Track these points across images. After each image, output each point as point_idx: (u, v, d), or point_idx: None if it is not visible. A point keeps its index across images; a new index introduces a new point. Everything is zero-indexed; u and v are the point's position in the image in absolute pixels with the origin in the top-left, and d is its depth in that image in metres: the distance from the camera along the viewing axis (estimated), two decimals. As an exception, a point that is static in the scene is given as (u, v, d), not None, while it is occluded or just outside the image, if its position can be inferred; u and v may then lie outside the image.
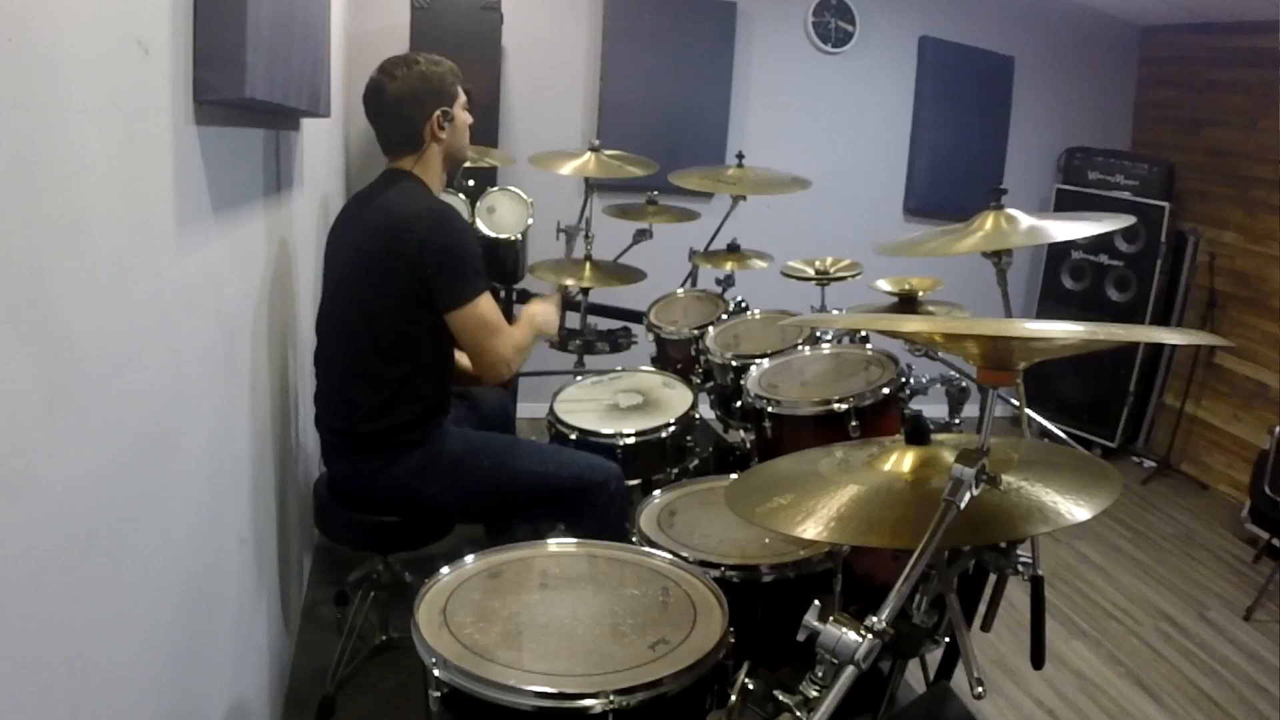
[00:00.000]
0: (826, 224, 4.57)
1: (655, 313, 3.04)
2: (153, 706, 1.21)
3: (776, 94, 4.66)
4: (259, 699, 1.92)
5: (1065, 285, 4.87)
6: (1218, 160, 4.54)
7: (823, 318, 2.62)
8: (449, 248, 1.93)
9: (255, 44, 1.36)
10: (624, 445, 2.34)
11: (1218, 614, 3.20)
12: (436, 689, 1.24)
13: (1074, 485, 1.15)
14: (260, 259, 1.98)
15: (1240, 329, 4.35)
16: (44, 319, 0.86)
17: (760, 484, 1.38)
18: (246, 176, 1.81)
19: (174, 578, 1.30)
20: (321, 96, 2.18)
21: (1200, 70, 4.69)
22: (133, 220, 1.12)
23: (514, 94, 4.26)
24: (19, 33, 0.79)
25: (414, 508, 2.06)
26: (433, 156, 2.07)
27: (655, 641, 1.31)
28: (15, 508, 0.80)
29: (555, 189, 3.67)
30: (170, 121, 1.24)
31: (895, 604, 1.03)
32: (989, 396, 1.17)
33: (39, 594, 0.86)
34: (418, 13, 3.71)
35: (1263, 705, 2.66)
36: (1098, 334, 1.04)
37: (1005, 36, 4.87)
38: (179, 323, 1.32)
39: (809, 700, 1.02)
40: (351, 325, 2.01)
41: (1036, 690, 2.63)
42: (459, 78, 2.09)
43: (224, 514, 1.63)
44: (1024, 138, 4.98)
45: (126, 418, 1.09)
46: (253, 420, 1.87)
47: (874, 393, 1.97)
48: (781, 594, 1.64)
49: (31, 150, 0.83)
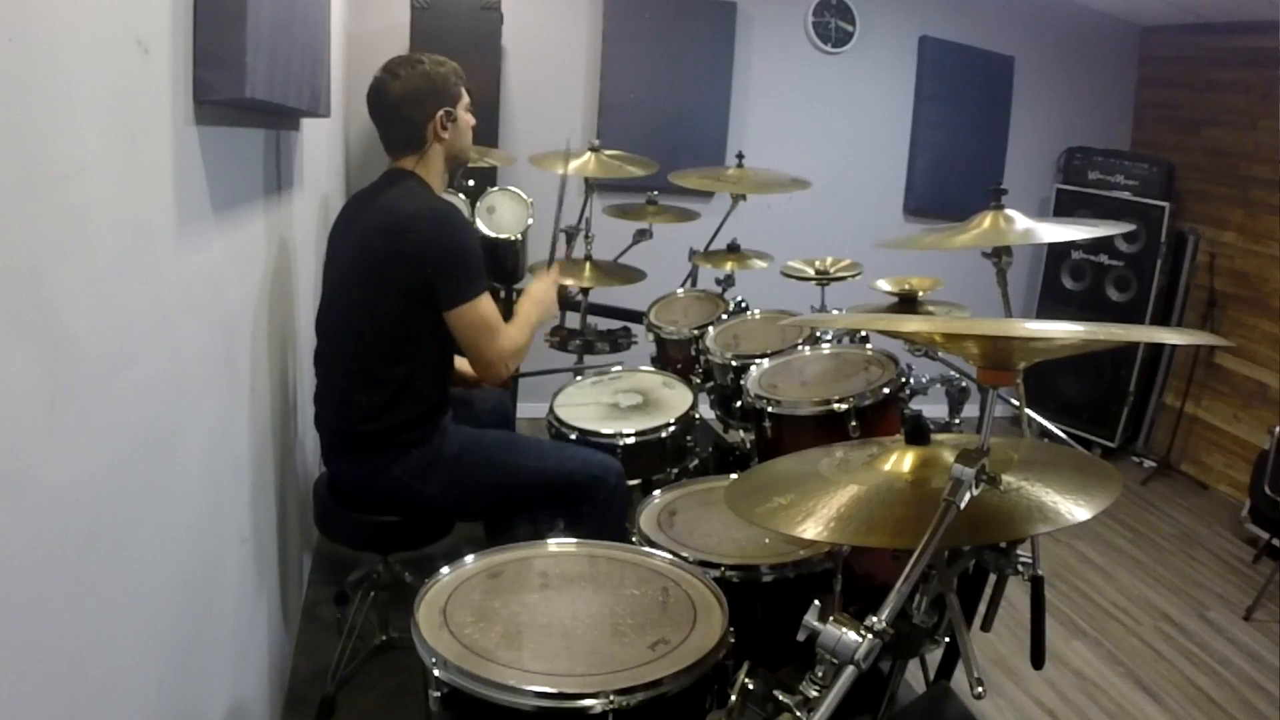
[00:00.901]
0: (826, 224, 4.57)
1: (655, 313, 3.04)
2: (153, 706, 1.21)
3: (776, 94, 4.65)
4: (259, 699, 1.92)
5: (1065, 285, 4.87)
6: (1218, 160, 4.54)
7: (823, 318, 2.62)
8: (452, 247, 1.94)
9: (255, 44, 1.36)
10: (624, 445, 2.34)
11: (1218, 614, 3.20)
12: (436, 689, 1.24)
13: (1074, 485, 1.15)
14: (260, 259, 1.98)
15: (1240, 329, 4.35)
16: (44, 319, 0.86)
17: (760, 484, 1.37)
18: (246, 176, 1.81)
19: (174, 577, 1.30)
20: (321, 96, 2.18)
21: (1200, 70, 4.69)
22: (133, 220, 1.12)
23: (514, 94, 4.26)
24: (19, 33, 0.79)
25: (414, 507, 2.06)
26: (435, 156, 2.07)
27: (655, 641, 1.31)
28: (15, 508, 0.80)
29: (555, 189, 3.65)
30: (170, 121, 1.24)
31: (895, 604, 1.03)
32: (989, 396, 1.17)
33: (39, 594, 0.85)
34: (418, 13, 3.71)
35: (1263, 705, 2.66)
36: (1098, 334, 1.04)
37: (1005, 36, 4.87)
38: (179, 323, 1.32)
39: (809, 700, 1.02)
40: (353, 325, 2.01)
41: (1036, 690, 2.63)
42: (462, 79, 2.09)
43: (224, 514, 1.63)
44: (1024, 138, 4.98)
45: (126, 418, 1.09)
46: (253, 420, 1.87)
47: (874, 393, 1.97)
48: (781, 594, 1.65)
49: (31, 150, 0.83)
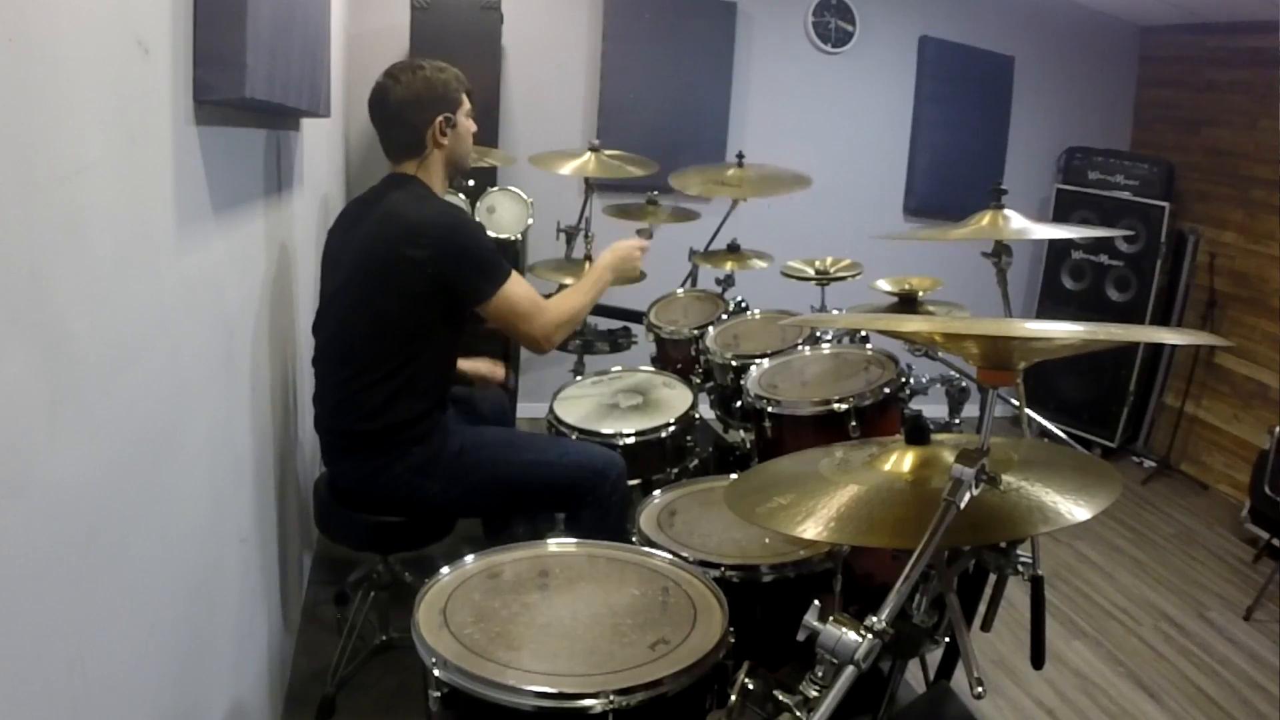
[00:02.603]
0: (826, 224, 4.56)
1: (655, 313, 3.04)
2: (153, 706, 1.21)
3: (776, 94, 4.65)
4: (259, 699, 1.92)
5: (1065, 285, 4.87)
6: (1218, 160, 4.54)
7: (823, 318, 2.62)
8: (466, 246, 1.97)
9: (255, 44, 1.36)
10: (624, 445, 2.34)
11: (1218, 614, 3.19)
12: (436, 689, 1.24)
13: (1074, 485, 1.15)
14: (260, 259, 1.98)
15: (1240, 329, 4.35)
16: (44, 319, 0.86)
17: (760, 484, 1.37)
18: (246, 176, 1.81)
19: (174, 577, 1.30)
20: (321, 96, 2.18)
21: (1200, 70, 4.69)
22: (133, 220, 1.12)
23: (514, 94, 4.26)
24: (19, 33, 0.79)
25: (415, 505, 2.07)
26: (435, 162, 2.08)
27: (655, 641, 1.31)
28: (15, 508, 0.80)
29: (555, 189, 3.67)
30: (170, 121, 1.24)
31: (895, 604, 1.03)
32: (989, 396, 1.17)
33: (39, 594, 0.85)
34: (418, 13, 3.71)
35: (1263, 705, 2.66)
36: (1098, 334, 1.04)
37: (1005, 36, 4.87)
38: (179, 323, 1.32)
39: (809, 700, 1.02)
40: (355, 327, 2.01)
41: (1036, 690, 2.63)
42: (464, 85, 2.10)
43: (224, 514, 1.63)
44: (1024, 138, 4.98)
45: (126, 417, 1.09)
46: (253, 420, 1.87)
47: (874, 393, 1.97)
48: (781, 594, 1.65)
49: (31, 150, 0.83)
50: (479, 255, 1.99)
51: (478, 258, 1.99)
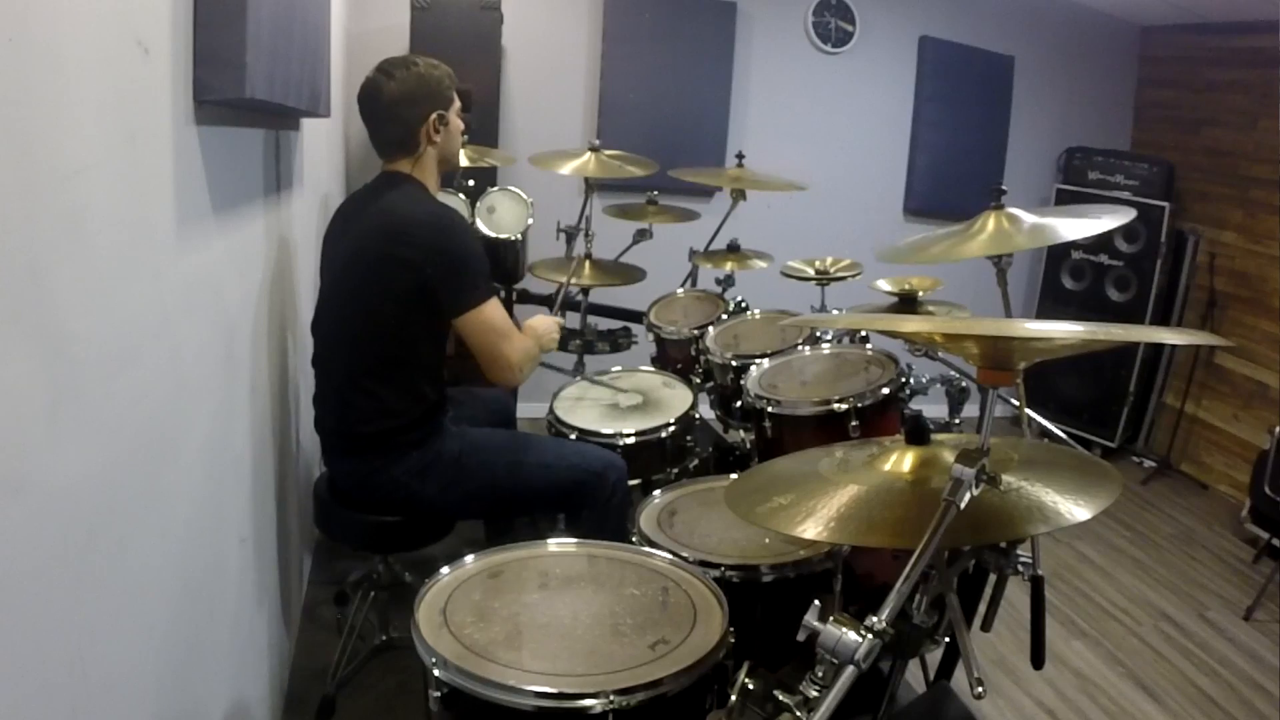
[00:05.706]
0: (826, 224, 4.57)
1: (655, 313, 3.04)
2: (153, 706, 1.21)
3: (776, 94, 4.65)
4: (259, 699, 1.92)
5: (1065, 285, 4.87)
6: (1218, 160, 4.54)
7: (823, 318, 2.62)
8: (454, 254, 1.93)
9: (255, 44, 1.36)
10: (624, 445, 2.34)
11: (1218, 614, 3.20)
12: (436, 689, 1.24)
13: (1074, 485, 1.15)
14: (260, 259, 1.98)
15: (1240, 329, 4.35)
16: (44, 319, 0.86)
17: (760, 484, 1.37)
18: (246, 176, 1.81)
19: (174, 577, 1.30)
20: (321, 96, 2.18)
21: (1200, 70, 4.69)
22: (133, 220, 1.11)
23: (514, 94, 4.26)
24: (19, 33, 0.79)
25: (414, 507, 2.06)
26: (429, 160, 2.07)
27: (655, 641, 1.31)
28: (15, 508, 0.80)
29: (555, 189, 3.67)
30: (170, 121, 1.24)
31: (895, 604, 1.02)
32: (989, 396, 1.17)
33: (39, 594, 0.85)
34: (418, 13, 3.71)
35: (1263, 705, 2.66)
36: (1098, 334, 1.04)
37: (1005, 36, 4.87)
38: (179, 323, 1.32)
39: (809, 700, 1.02)
40: (350, 327, 2.01)
41: (1036, 690, 2.63)
42: (455, 82, 2.09)
43: (224, 514, 1.63)
44: (1024, 138, 4.98)
45: (126, 418, 1.09)
46: (253, 420, 1.87)
47: (874, 393, 1.97)
48: (781, 594, 1.65)
49: (31, 150, 0.83)
50: (467, 264, 1.95)
51: (465, 266, 1.94)
